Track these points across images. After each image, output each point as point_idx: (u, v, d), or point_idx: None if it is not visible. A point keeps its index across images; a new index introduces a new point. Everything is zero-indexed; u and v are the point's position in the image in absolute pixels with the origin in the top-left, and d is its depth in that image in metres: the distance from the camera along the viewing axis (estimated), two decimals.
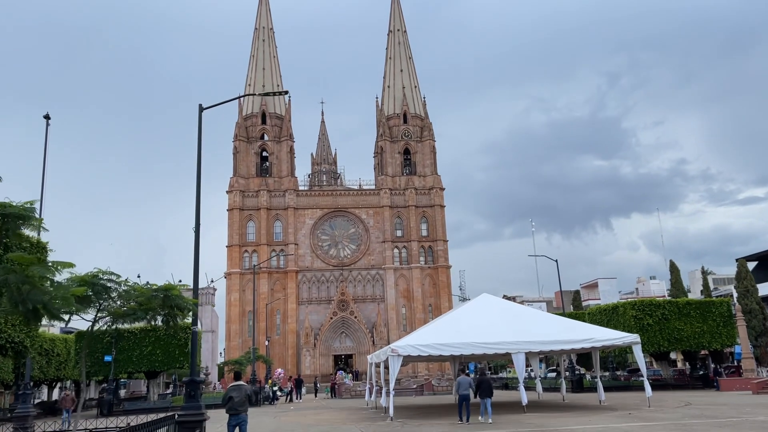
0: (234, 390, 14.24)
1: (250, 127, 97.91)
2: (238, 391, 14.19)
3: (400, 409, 29.44)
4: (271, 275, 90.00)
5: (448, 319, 28.96)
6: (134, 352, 41.10)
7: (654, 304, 41.75)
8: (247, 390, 14.39)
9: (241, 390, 14.20)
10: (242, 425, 14.19)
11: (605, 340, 25.01)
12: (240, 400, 14.07)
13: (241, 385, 14.36)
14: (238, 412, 14.09)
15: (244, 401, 14.18)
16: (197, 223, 16.73)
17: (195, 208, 16.82)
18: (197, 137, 17.27)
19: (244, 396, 14.17)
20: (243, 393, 14.18)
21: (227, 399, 14.15)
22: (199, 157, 17.29)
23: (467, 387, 21.43)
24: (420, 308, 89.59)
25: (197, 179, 17.12)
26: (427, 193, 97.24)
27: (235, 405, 14.04)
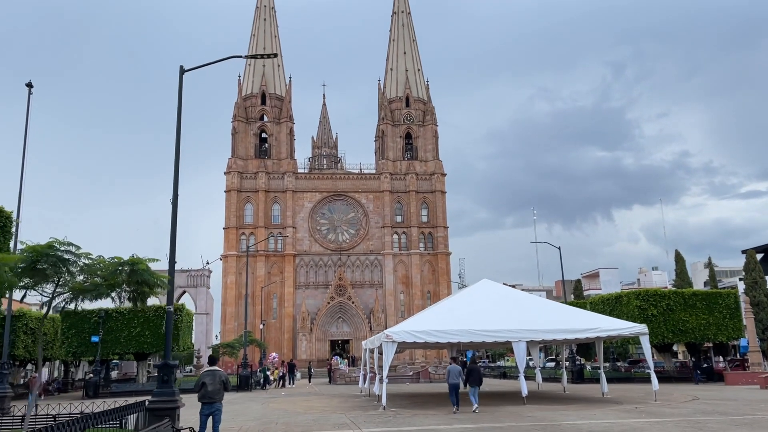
0: (207, 376, 12.89)
1: (249, 108, 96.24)
2: (212, 377, 12.85)
3: (394, 398, 28.27)
4: (269, 258, 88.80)
5: (446, 305, 27.71)
6: (122, 333, 39.94)
7: (659, 295, 40.45)
8: (222, 376, 13.06)
9: (215, 376, 12.88)
10: (216, 414, 12.87)
11: (611, 330, 23.74)
12: (214, 388, 12.74)
13: (216, 371, 13.03)
14: (213, 400, 12.76)
15: (219, 388, 12.86)
16: (175, 194, 15.38)
17: (173, 177, 15.47)
18: (177, 101, 15.89)
19: (218, 383, 12.84)
20: (217, 379, 12.85)
21: (200, 385, 12.80)
22: (178, 123, 15.91)
23: (457, 376, 21.24)
24: (418, 295, 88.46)
25: (176, 147, 15.75)
26: (429, 178, 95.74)
27: (209, 393, 12.70)
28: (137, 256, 16.34)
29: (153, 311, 41.03)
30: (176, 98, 15.90)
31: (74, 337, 39.94)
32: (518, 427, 16.02)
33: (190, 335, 47.62)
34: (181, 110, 15.89)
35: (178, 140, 15.80)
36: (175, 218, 15.15)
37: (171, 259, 15.07)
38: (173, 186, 15.42)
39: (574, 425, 15.95)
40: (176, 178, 15.47)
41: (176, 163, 15.57)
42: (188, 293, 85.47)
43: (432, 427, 16.44)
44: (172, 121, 15.37)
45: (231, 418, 20.84)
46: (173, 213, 15.23)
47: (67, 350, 40.35)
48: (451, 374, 21.38)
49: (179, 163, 15.63)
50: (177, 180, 15.47)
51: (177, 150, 15.69)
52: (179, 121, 15.95)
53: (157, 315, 40.69)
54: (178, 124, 15.93)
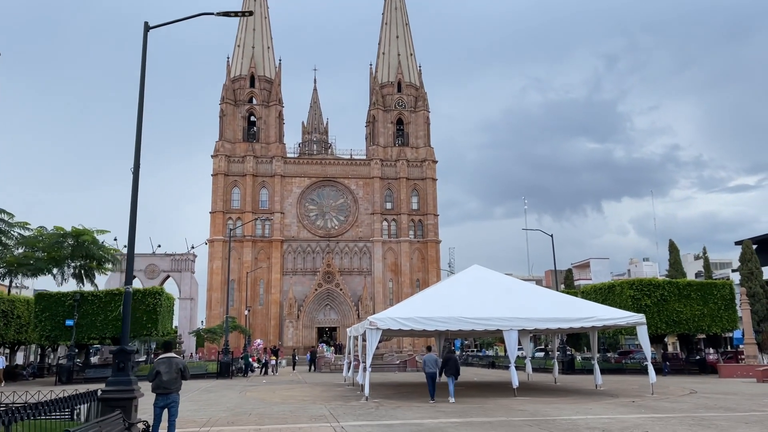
0: (162, 364, 11.44)
1: (237, 90, 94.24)
2: (167, 365, 11.40)
3: (378, 387, 27.04)
4: (256, 244, 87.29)
5: (434, 292, 26.45)
6: (98, 317, 38.35)
7: (653, 284, 39.39)
8: (180, 364, 11.61)
9: (171, 364, 11.42)
10: (172, 407, 11.43)
11: (608, 319, 22.55)
12: (170, 377, 11.28)
13: (172, 358, 11.57)
14: (168, 390, 11.32)
15: (176, 377, 11.41)
16: (136, 163, 13.90)
17: (135, 144, 13.99)
18: (141, 60, 14.38)
19: (175, 371, 11.38)
20: (174, 367, 11.39)
21: (154, 374, 11.34)
22: (141, 86, 14.39)
23: (433, 365, 21.00)
24: (407, 282, 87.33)
25: (138, 113, 14.25)
26: (419, 165, 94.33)
27: (164, 383, 11.25)
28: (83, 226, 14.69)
29: None
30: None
31: (48, 321, 38.33)
32: (509, 422, 14.78)
33: (171, 320, 46.09)
34: (144, 71, 14.38)
35: (141, 105, 14.30)
36: (136, 189, 13.69)
37: (131, 234, 13.61)
38: (134, 154, 13.94)
39: (570, 421, 14.73)
40: (138, 144, 14.00)
41: (138, 128, 14.08)
42: (172, 278, 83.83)
43: (416, 420, 15.18)
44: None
45: (202, 408, 19.52)
46: (134, 183, 13.77)
47: (40, 334, 38.75)
48: (427, 363, 21.18)
49: (141, 130, 14.14)
50: (139, 147, 14.00)
51: (140, 115, 14.21)
52: (142, 84, 14.44)
53: (135, 299, 39.07)
54: (141, 87, 14.42)
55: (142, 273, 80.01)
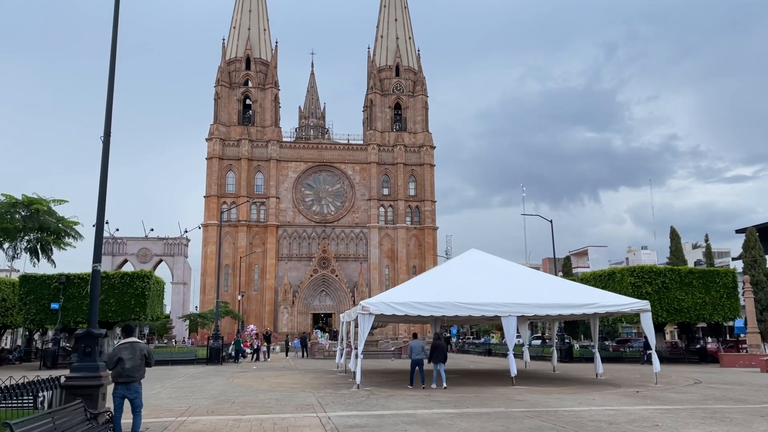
0: (125, 349, 10.23)
1: (233, 73, 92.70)
2: (130, 350, 10.22)
3: (370, 375, 26.12)
4: (251, 229, 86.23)
5: (430, 276, 25.46)
6: (85, 300, 37.28)
7: (654, 272, 38.44)
8: (144, 350, 10.42)
9: (134, 350, 10.24)
10: (135, 398, 10.21)
11: (610, 306, 21.56)
12: (134, 364, 10.12)
13: (135, 343, 10.38)
14: (131, 379, 10.11)
15: (140, 365, 10.24)
16: (107, 130, 12.77)
17: (105, 110, 12.85)
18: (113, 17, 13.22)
19: (138, 357, 10.22)
20: (137, 353, 10.23)
21: (115, 361, 10.19)
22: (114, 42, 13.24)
23: (420, 351, 20.92)
24: (404, 269, 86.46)
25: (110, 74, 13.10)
26: (417, 150, 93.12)
27: (127, 370, 10.08)
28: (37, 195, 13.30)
29: (118, 277, 38.48)
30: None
31: (33, 304, 37.33)
32: (508, 413, 13.81)
33: (161, 304, 45.13)
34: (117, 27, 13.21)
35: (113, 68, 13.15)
36: (106, 159, 12.57)
37: (100, 206, 12.49)
38: (105, 121, 12.80)
39: (573, 413, 13.76)
40: (109, 111, 12.85)
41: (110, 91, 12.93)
42: (165, 262, 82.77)
43: (408, 411, 14.20)
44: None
45: (184, 396, 18.55)
46: (104, 153, 12.63)
47: (25, 317, 37.75)
48: (413, 350, 21.04)
49: (113, 96, 12.99)
50: (110, 113, 12.85)
51: (111, 79, 13.05)
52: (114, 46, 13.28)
53: (123, 282, 38.15)
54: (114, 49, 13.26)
55: (135, 257, 79.00)
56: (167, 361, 36.28)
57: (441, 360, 20.53)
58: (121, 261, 77.27)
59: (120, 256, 78.94)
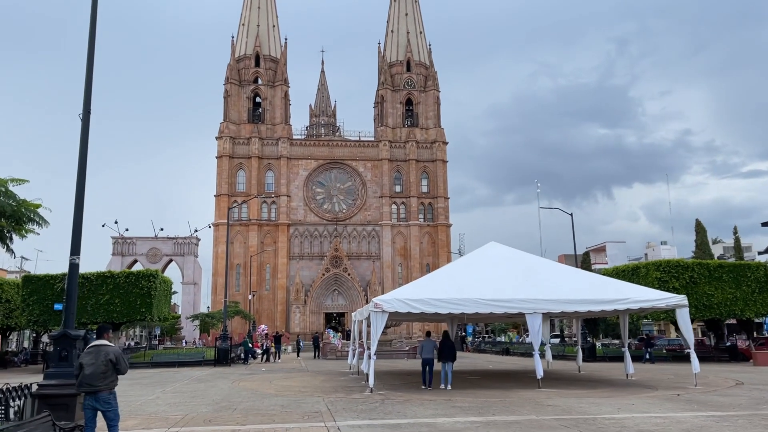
0: (88, 354, 8.72)
1: (242, 70, 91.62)
2: (94, 355, 8.69)
3: (385, 377, 24.64)
4: (262, 228, 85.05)
5: (447, 271, 23.89)
6: (89, 301, 36.17)
7: (681, 266, 36.59)
8: (111, 354, 8.83)
9: (99, 354, 8.70)
10: (108, 411, 8.70)
11: (644, 301, 19.88)
12: (96, 370, 8.57)
13: (102, 347, 8.85)
14: (95, 388, 8.59)
15: (106, 372, 8.67)
16: (86, 108, 11.38)
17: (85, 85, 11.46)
18: None
19: (103, 363, 8.65)
20: (102, 358, 8.66)
21: (77, 367, 8.68)
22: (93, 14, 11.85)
23: (431, 350, 20.42)
24: (417, 267, 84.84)
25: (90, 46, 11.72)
26: (429, 146, 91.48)
27: (87, 378, 8.55)
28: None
29: (123, 277, 37.28)
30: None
31: (36, 305, 36.25)
32: (541, 422, 12.24)
33: (168, 304, 43.88)
34: None
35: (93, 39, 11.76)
36: (85, 138, 11.18)
37: (79, 189, 11.09)
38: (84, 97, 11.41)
39: (615, 421, 12.16)
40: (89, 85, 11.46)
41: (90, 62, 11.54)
42: (175, 261, 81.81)
43: (427, 420, 12.68)
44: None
45: (184, 401, 17.15)
46: (83, 131, 11.25)
47: (28, 318, 36.67)
48: (424, 349, 20.58)
49: (93, 67, 11.60)
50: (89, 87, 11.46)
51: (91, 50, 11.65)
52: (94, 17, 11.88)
53: (128, 281, 36.93)
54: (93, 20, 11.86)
55: (144, 257, 78.11)
56: (174, 363, 35.04)
57: (450, 359, 20.05)
58: (131, 261, 76.41)
59: (129, 257, 78.10)
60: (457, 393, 18.23)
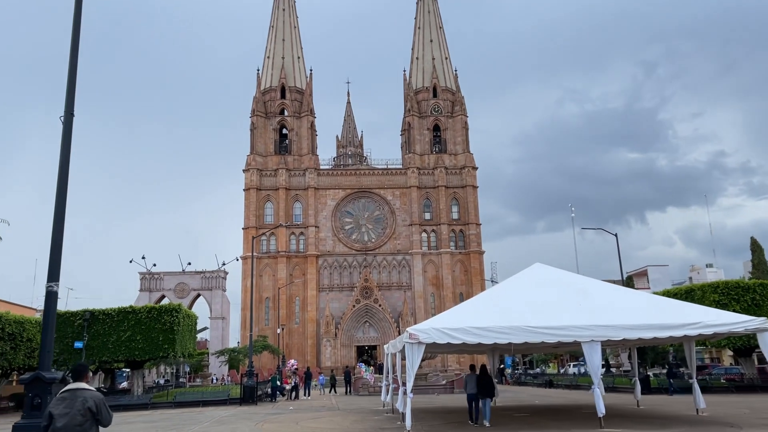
0: (61, 402, 6.86)
1: (268, 102, 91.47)
2: (68, 402, 6.83)
3: (422, 415, 22.32)
4: (290, 260, 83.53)
5: (488, 297, 21.67)
6: (110, 338, 34.73)
7: (742, 287, 33.65)
8: (90, 401, 6.96)
9: (74, 401, 6.83)
10: None
11: (719, 326, 17.34)
12: (70, 423, 6.67)
13: (78, 392, 6.99)
14: None
15: (83, 423, 6.79)
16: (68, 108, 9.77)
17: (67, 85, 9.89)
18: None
19: (80, 412, 6.79)
20: (78, 407, 6.81)
21: (46, 418, 6.81)
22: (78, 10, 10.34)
23: (475, 385, 19.47)
24: (450, 296, 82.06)
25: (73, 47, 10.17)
26: (459, 172, 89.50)
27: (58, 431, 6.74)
28: None
29: (145, 312, 35.77)
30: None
31: (56, 343, 34.82)
32: None
33: (193, 340, 42.20)
34: None
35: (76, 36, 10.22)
36: (67, 142, 9.55)
37: (59, 207, 9.40)
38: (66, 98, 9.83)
39: None
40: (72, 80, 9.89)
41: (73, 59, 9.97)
42: (203, 296, 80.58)
43: None
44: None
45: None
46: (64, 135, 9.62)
47: None
48: (468, 384, 19.83)
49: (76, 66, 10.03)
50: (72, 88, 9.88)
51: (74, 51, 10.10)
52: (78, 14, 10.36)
53: (149, 317, 35.39)
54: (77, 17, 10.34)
55: (172, 292, 77.07)
56: (197, 402, 33.11)
57: (488, 395, 19.30)
58: (159, 297, 75.43)
59: (157, 292, 77.17)
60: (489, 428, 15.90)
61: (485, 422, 18.76)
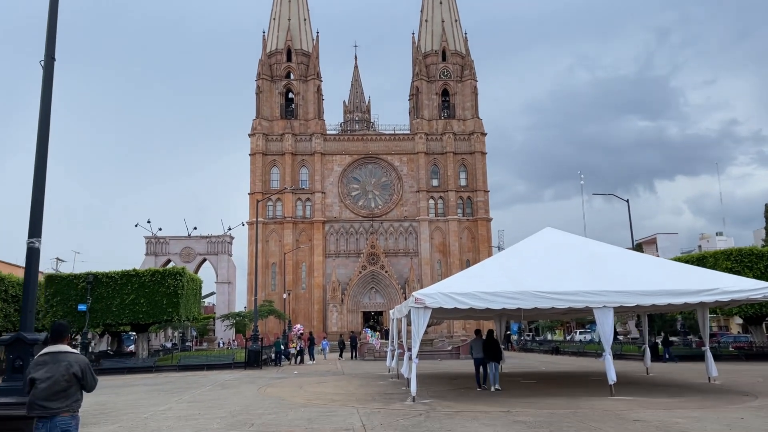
0: (41, 366, 6.26)
1: (274, 65, 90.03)
2: (50, 366, 6.23)
3: (428, 381, 21.99)
4: (296, 225, 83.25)
5: (498, 261, 21.07)
6: (114, 301, 34.55)
7: (756, 254, 32.88)
8: (75, 365, 6.31)
9: (57, 365, 6.24)
10: None
11: (737, 292, 16.66)
12: (51, 388, 6.13)
13: (61, 355, 6.37)
14: (51, 411, 6.13)
15: (67, 389, 6.22)
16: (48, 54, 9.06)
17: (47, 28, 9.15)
18: None
19: (63, 377, 6.20)
20: (61, 371, 6.21)
21: (27, 383, 6.22)
22: None
23: (481, 349, 19.50)
24: (457, 263, 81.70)
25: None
26: (467, 138, 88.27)
27: (40, 396, 6.12)
28: None
29: (149, 275, 35.49)
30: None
31: (59, 306, 34.75)
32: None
33: (198, 304, 42.03)
34: None
35: None
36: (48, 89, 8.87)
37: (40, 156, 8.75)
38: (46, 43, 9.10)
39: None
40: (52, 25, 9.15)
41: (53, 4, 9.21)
42: (209, 261, 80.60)
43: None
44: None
45: (197, 414, 14.81)
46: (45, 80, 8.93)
47: (52, 320, 35.17)
48: (474, 348, 19.89)
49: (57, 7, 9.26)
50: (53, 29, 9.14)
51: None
52: None
53: (153, 280, 35.13)
54: None
55: (177, 256, 77.05)
56: (202, 366, 33.02)
57: (495, 359, 19.27)
58: (165, 261, 75.47)
59: (163, 256, 77.18)
60: (515, 402, 15.45)
61: (495, 387, 18.66)
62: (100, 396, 20.21)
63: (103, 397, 19.63)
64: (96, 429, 12.67)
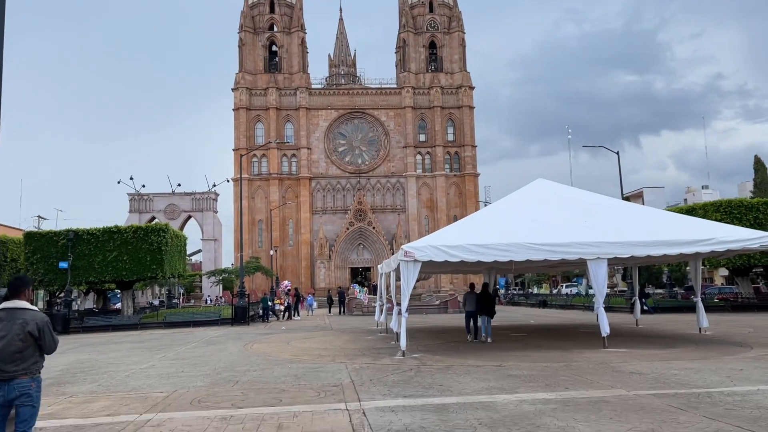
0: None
1: (257, 17, 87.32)
2: (5, 325, 5.57)
3: (417, 335, 21.74)
4: (282, 182, 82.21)
5: (488, 213, 20.57)
6: (96, 258, 33.81)
7: (745, 206, 32.76)
8: (32, 324, 5.62)
9: (12, 323, 5.57)
10: (22, 405, 5.61)
11: (733, 242, 16.30)
12: (7, 348, 5.50)
13: (17, 312, 5.67)
14: (8, 375, 5.50)
15: (22, 349, 5.57)
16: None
17: None
18: None
19: (18, 336, 5.54)
20: (15, 330, 5.54)
21: None
22: None
23: (474, 303, 19.64)
24: (444, 219, 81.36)
25: None
26: (455, 92, 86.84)
27: None
28: None
29: (131, 232, 34.70)
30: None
31: (39, 263, 33.97)
32: (637, 400, 9.07)
33: (183, 261, 41.40)
34: None
35: None
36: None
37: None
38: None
39: (741, 397, 8.90)
40: None
41: None
42: (194, 218, 79.64)
43: (481, 398, 9.56)
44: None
45: (181, 371, 14.34)
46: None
47: (32, 278, 34.45)
48: (467, 301, 20.07)
49: None
50: None
51: None
52: None
53: (136, 237, 34.37)
54: None
55: (162, 213, 75.97)
56: (188, 323, 32.62)
57: (488, 312, 19.25)
58: (149, 218, 74.32)
59: (147, 213, 76.03)
60: (507, 355, 15.15)
61: (488, 339, 18.79)
62: (81, 354, 19.74)
63: (84, 355, 19.13)
64: (72, 388, 12.17)
